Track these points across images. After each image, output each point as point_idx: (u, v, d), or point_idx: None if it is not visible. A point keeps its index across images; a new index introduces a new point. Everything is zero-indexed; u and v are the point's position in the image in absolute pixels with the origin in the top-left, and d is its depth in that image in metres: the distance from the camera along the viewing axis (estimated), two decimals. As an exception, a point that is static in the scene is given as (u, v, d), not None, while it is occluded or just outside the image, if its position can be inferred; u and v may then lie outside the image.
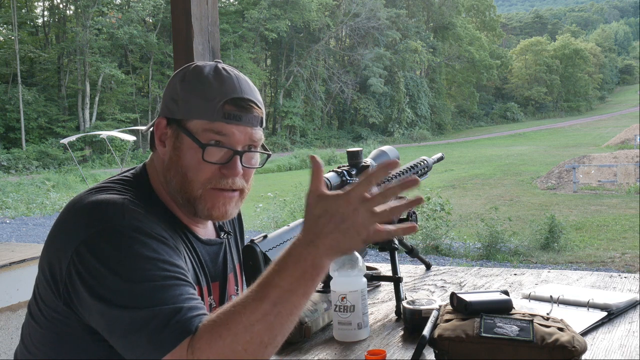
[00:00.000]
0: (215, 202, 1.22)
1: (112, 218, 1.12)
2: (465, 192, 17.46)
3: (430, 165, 1.98)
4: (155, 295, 1.06)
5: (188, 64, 1.29)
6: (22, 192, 18.62)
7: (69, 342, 1.16)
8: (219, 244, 1.37)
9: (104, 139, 24.97)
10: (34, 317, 1.22)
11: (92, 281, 1.08)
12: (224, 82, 1.22)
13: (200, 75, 1.22)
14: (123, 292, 1.06)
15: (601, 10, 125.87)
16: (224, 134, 1.19)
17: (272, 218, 11.48)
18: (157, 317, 1.04)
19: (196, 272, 1.26)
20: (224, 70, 1.24)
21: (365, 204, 0.97)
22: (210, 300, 1.32)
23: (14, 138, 30.91)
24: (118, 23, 34.11)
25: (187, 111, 1.21)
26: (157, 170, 1.28)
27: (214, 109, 1.19)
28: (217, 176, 1.21)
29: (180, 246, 1.22)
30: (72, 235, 1.12)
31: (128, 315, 1.05)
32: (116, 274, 1.07)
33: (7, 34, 34.51)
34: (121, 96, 35.52)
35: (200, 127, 1.19)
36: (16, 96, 30.92)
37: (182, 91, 1.22)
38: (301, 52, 43.09)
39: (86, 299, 1.08)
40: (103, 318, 1.07)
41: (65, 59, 34.92)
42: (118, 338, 1.07)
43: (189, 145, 1.20)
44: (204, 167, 1.20)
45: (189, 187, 1.21)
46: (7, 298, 2.95)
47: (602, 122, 47.11)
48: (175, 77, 1.28)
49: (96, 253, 1.09)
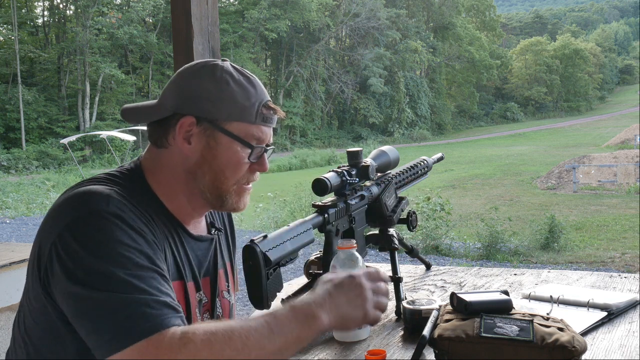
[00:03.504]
0: (241, 196, 1.33)
1: (97, 204, 1.14)
2: (465, 192, 17.46)
3: (430, 165, 1.98)
4: (131, 283, 1.07)
5: (199, 61, 1.32)
6: (22, 192, 18.62)
7: (48, 337, 1.18)
8: (209, 240, 1.39)
9: (104, 139, 24.99)
10: (22, 311, 1.25)
11: (69, 263, 1.09)
12: (254, 84, 1.29)
13: (232, 77, 1.27)
14: (99, 275, 1.07)
15: (601, 10, 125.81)
16: (262, 136, 1.30)
17: (272, 218, 11.47)
18: (130, 305, 1.05)
19: (179, 268, 1.27)
20: (244, 70, 1.31)
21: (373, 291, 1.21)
22: (200, 296, 1.33)
23: (14, 138, 30.89)
24: (118, 23, 34.09)
25: (228, 113, 1.25)
26: (165, 165, 1.29)
27: (255, 112, 1.27)
28: (248, 173, 1.31)
29: (164, 241, 1.24)
30: (57, 220, 1.15)
31: (102, 299, 1.05)
32: (95, 257, 1.08)
33: (7, 34, 34.51)
34: (121, 96, 35.49)
35: (243, 129, 1.27)
36: (16, 96, 30.91)
37: (218, 92, 1.25)
38: (301, 52, 43.09)
39: (62, 281, 1.10)
40: (76, 300, 1.08)
41: (65, 59, 34.90)
42: (87, 321, 1.07)
43: (228, 145, 1.26)
44: (243, 166, 1.29)
45: (224, 184, 1.29)
46: (7, 298, 2.95)
47: (602, 122, 47.09)
48: (198, 74, 1.28)
49: (77, 236, 1.11)
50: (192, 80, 1.27)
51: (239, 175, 1.29)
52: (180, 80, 1.29)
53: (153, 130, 1.30)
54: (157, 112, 1.28)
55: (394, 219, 1.71)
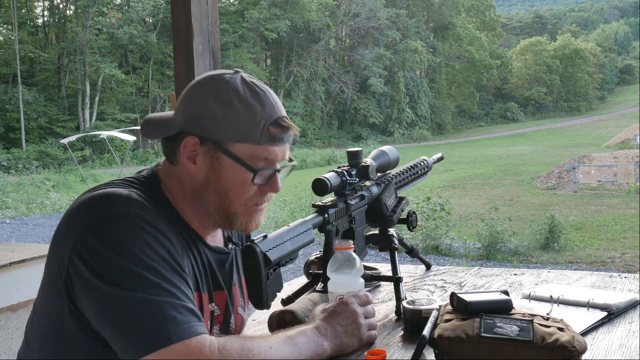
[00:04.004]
0: (252, 217, 1.27)
1: (117, 206, 1.12)
2: (465, 192, 17.46)
3: (430, 165, 1.98)
4: (160, 285, 1.06)
5: (209, 74, 1.26)
6: (22, 192, 18.61)
7: (64, 341, 1.16)
8: (226, 253, 1.37)
9: (104, 139, 25.00)
10: (37, 314, 1.22)
11: (95, 264, 1.07)
12: (263, 101, 1.21)
13: (238, 94, 1.20)
14: (128, 276, 1.06)
15: (601, 10, 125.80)
16: (270, 156, 1.22)
17: (272, 218, 11.47)
18: (160, 307, 1.04)
19: (197, 278, 1.25)
20: (254, 85, 1.23)
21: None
22: (213, 307, 1.31)
23: (14, 138, 30.89)
24: (118, 23, 34.09)
25: (230, 134, 1.19)
26: (177, 182, 1.26)
27: (260, 133, 1.20)
28: (258, 194, 1.25)
29: (184, 250, 1.22)
30: (76, 223, 1.12)
31: (131, 299, 1.04)
32: (121, 257, 1.07)
33: (7, 34, 34.52)
34: (121, 96, 35.52)
35: (247, 151, 1.20)
36: (16, 96, 30.91)
37: (221, 111, 1.19)
38: (301, 52, 43.09)
39: (87, 283, 1.08)
40: (103, 300, 1.06)
41: (65, 59, 34.91)
42: (115, 322, 1.06)
43: (231, 167, 1.21)
44: (249, 188, 1.23)
45: (229, 206, 1.24)
46: (7, 298, 2.94)
47: (602, 122, 47.10)
48: (202, 92, 1.22)
49: (100, 237, 1.09)
50: (197, 98, 1.22)
51: (245, 197, 1.24)
52: (187, 97, 1.24)
53: (165, 146, 1.27)
54: (168, 127, 1.23)
55: (394, 219, 1.71)
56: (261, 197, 1.26)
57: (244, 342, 1.11)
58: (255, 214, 1.27)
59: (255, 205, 1.26)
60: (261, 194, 1.26)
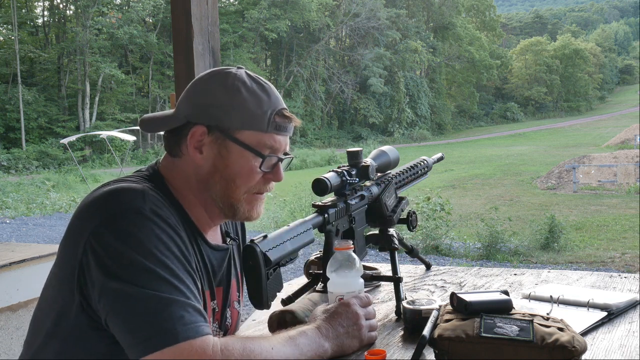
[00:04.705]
0: (253, 205, 1.32)
1: (133, 201, 1.14)
2: (465, 192, 17.46)
3: (430, 165, 1.98)
4: (172, 283, 1.08)
5: (213, 69, 1.32)
6: (22, 192, 18.60)
7: (70, 338, 1.16)
8: (225, 249, 1.39)
9: (104, 139, 25.01)
10: (42, 310, 1.22)
11: (107, 259, 1.08)
12: (268, 92, 1.28)
13: (245, 84, 1.26)
14: (141, 272, 1.07)
15: (601, 10, 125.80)
16: (275, 145, 1.28)
17: (272, 218, 11.47)
18: (170, 305, 1.05)
19: (200, 275, 1.27)
20: (259, 78, 1.30)
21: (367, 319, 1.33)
22: (214, 305, 1.33)
23: (14, 138, 30.90)
24: (118, 23, 34.10)
25: (238, 122, 1.24)
26: (181, 174, 1.29)
27: (267, 121, 1.25)
28: (261, 182, 1.30)
29: (191, 246, 1.24)
30: (90, 218, 1.13)
31: (142, 296, 1.05)
32: (136, 252, 1.08)
33: (7, 34, 34.52)
34: (121, 96, 35.52)
35: (254, 138, 1.25)
36: (16, 96, 30.91)
37: (229, 100, 1.24)
38: (301, 52, 43.09)
39: (99, 277, 1.08)
40: (113, 295, 1.07)
41: (65, 59, 34.91)
42: (124, 318, 1.07)
43: (239, 154, 1.25)
44: (255, 175, 1.28)
45: (234, 192, 1.28)
46: (7, 298, 2.94)
47: (602, 122, 47.10)
48: (210, 83, 1.27)
49: (115, 232, 1.09)
50: (204, 88, 1.27)
51: (251, 184, 1.28)
52: (193, 89, 1.28)
53: (168, 139, 1.30)
54: (171, 121, 1.27)
55: (394, 219, 1.71)
56: (264, 185, 1.31)
57: (246, 343, 1.12)
58: (257, 202, 1.32)
59: (257, 193, 1.31)
60: (264, 182, 1.30)
